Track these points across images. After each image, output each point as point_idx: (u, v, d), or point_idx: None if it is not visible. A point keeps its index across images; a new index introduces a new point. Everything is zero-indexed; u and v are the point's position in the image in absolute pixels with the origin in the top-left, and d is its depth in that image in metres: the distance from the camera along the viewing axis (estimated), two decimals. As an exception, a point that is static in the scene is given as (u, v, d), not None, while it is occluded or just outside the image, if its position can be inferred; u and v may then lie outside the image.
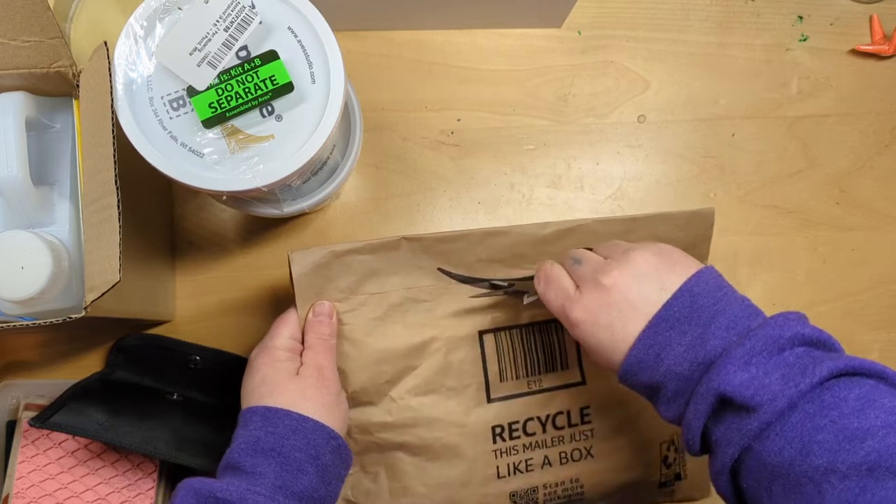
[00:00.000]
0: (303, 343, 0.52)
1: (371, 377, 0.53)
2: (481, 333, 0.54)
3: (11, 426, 0.57)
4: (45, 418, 0.51)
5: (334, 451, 0.48)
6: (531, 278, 0.52)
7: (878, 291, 0.68)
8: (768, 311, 0.66)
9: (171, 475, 0.58)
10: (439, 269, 0.53)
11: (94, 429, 0.52)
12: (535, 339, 0.55)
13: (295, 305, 0.51)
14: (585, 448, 0.56)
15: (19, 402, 0.58)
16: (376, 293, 0.52)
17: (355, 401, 0.53)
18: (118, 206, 0.42)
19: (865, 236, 0.68)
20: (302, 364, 0.50)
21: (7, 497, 0.55)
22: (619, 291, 0.43)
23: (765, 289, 0.67)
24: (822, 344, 0.39)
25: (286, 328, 0.51)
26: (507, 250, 0.53)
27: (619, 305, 0.43)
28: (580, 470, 0.57)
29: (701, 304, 0.41)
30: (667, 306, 0.42)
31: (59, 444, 0.56)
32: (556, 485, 0.57)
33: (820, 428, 0.35)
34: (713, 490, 0.57)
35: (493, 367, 0.55)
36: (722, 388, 0.38)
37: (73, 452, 0.56)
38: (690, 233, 0.56)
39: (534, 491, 0.56)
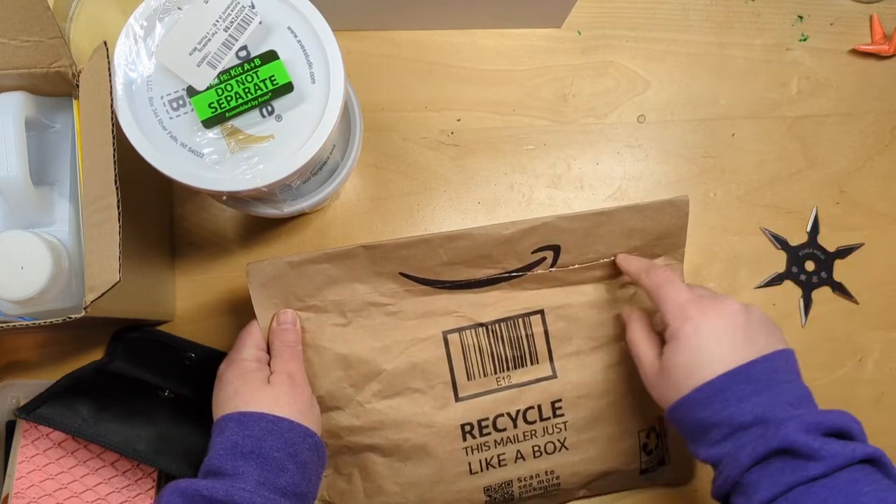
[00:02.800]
0: (269, 352, 0.52)
1: (335, 382, 0.53)
2: (445, 334, 0.55)
3: (11, 426, 0.57)
4: (32, 409, 0.51)
5: (311, 449, 0.48)
6: (509, 277, 0.55)
7: (878, 291, 0.68)
8: (768, 312, 0.66)
9: (171, 476, 0.58)
10: (401, 274, 0.54)
11: (78, 424, 0.52)
12: (502, 335, 0.56)
13: (256, 317, 0.52)
14: (559, 441, 0.57)
15: (19, 402, 0.58)
16: (337, 300, 0.53)
17: (322, 406, 0.54)
18: (118, 206, 0.42)
19: (865, 236, 0.68)
20: (272, 373, 0.50)
21: (7, 497, 0.55)
22: (748, 319, 0.47)
23: (765, 289, 0.67)
24: (864, 438, 0.45)
25: (251, 339, 0.52)
26: (471, 252, 0.53)
27: (742, 328, 0.46)
28: (555, 462, 0.57)
29: (777, 377, 0.45)
30: (752, 363, 0.45)
31: (59, 444, 0.56)
32: (531, 477, 0.57)
33: (863, 493, 0.40)
34: (697, 474, 0.63)
35: (459, 367, 0.55)
36: (791, 439, 0.42)
37: (73, 452, 0.56)
38: (663, 222, 0.56)
39: (508, 484, 0.57)
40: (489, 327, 0.56)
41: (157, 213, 0.60)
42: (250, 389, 0.49)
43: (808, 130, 0.68)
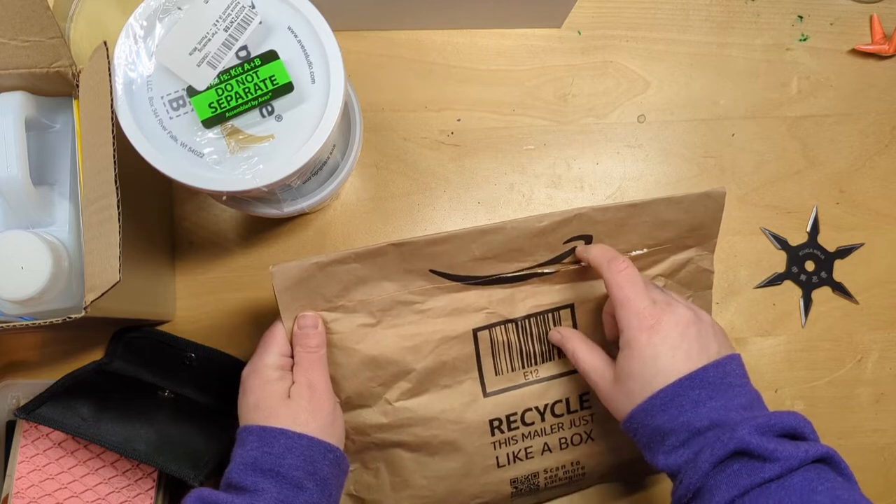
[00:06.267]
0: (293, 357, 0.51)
1: (364, 382, 0.53)
2: (475, 331, 0.54)
3: (11, 426, 0.57)
4: (31, 409, 0.51)
5: (333, 464, 0.48)
6: (541, 273, 0.54)
7: (878, 291, 0.68)
8: (769, 312, 0.66)
9: (171, 476, 0.58)
10: (431, 271, 0.52)
11: (77, 424, 0.52)
12: (531, 330, 0.55)
13: (281, 319, 0.51)
14: (585, 432, 0.57)
15: (19, 402, 0.58)
16: (365, 300, 0.52)
17: (350, 405, 0.53)
18: (118, 206, 0.42)
19: (865, 236, 0.68)
20: (293, 382, 0.49)
21: (7, 497, 0.55)
22: (700, 329, 0.47)
23: (765, 289, 0.67)
24: (816, 438, 0.45)
25: (274, 345, 0.50)
26: (503, 246, 0.52)
27: (695, 338, 0.47)
28: (581, 453, 0.57)
29: (730, 381, 0.46)
30: (705, 368, 0.46)
31: (59, 443, 0.56)
32: (557, 468, 0.57)
33: (817, 492, 0.41)
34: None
35: (487, 363, 0.54)
36: (746, 441, 0.42)
37: (73, 452, 0.56)
38: (697, 214, 0.55)
39: (535, 476, 0.57)
40: (518, 323, 0.55)
41: (157, 213, 0.60)
42: (270, 404, 0.48)
43: (808, 130, 0.68)
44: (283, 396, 0.49)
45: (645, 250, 0.55)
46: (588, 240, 0.54)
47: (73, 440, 0.56)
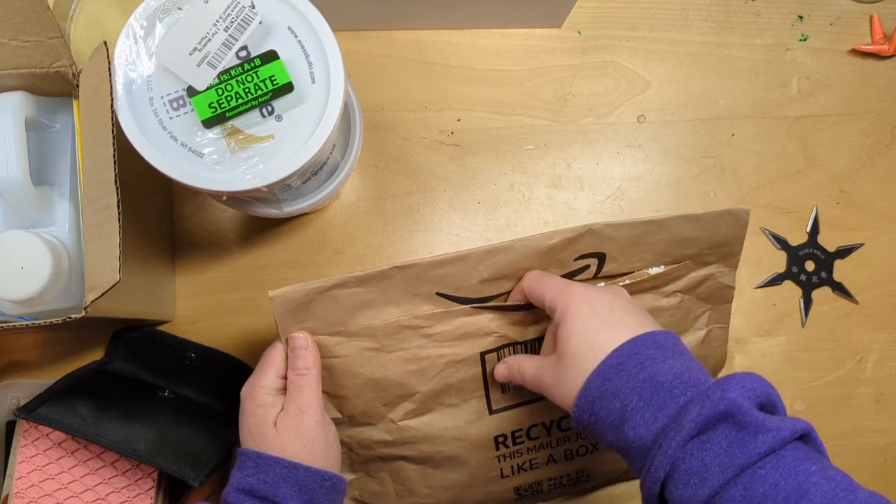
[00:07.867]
0: None
1: (368, 402, 0.52)
2: (483, 354, 0.52)
3: (11, 426, 0.57)
4: (31, 409, 0.51)
5: (330, 491, 0.48)
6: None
7: (878, 291, 0.68)
8: (769, 312, 0.66)
9: (171, 476, 0.58)
10: (438, 294, 0.51)
11: (78, 424, 0.52)
12: (540, 350, 0.53)
13: (280, 340, 0.49)
14: (591, 443, 0.57)
15: (19, 402, 0.58)
16: (369, 325, 0.50)
17: (354, 422, 0.53)
18: (118, 206, 0.42)
19: (865, 236, 0.68)
20: (282, 410, 0.48)
21: (7, 497, 0.55)
22: (630, 300, 0.48)
23: (765, 289, 0.67)
24: (785, 413, 0.41)
25: (271, 367, 0.49)
26: (512, 265, 0.50)
27: (629, 302, 0.47)
28: (585, 462, 0.57)
29: (681, 349, 0.44)
30: (653, 332, 0.44)
31: (59, 444, 0.56)
32: (561, 476, 0.57)
33: (811, 473, 0.36)
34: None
35: (494, 382, 0.53)
36: (738, 404, 0.37)
37: (73, 452, 0.56)
38: (719, 232, 0.53)
39: (538, 483, 0.57)
40: (528, 345, 0.53)
41: (157, 213, 0.60)
42: (263, 431, 0.47)
43: (808, 130, 0.68)
44: (274, 424, 0.48)
45: (662, 268, 0.54)
46: (601, 257, 0.52)
47: (73, 440, 0.56)
